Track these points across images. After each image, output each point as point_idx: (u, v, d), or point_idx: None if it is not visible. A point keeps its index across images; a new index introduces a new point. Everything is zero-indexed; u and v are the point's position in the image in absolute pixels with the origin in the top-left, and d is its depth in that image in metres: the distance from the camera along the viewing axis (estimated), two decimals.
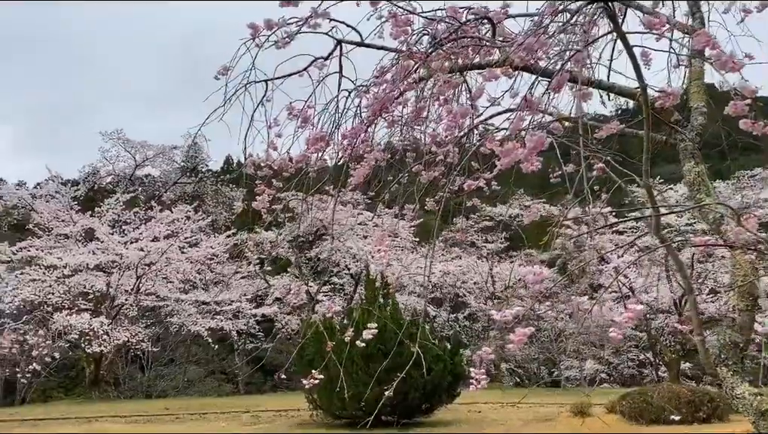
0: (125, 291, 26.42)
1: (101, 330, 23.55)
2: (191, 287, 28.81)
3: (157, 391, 29.61)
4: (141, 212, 29.51)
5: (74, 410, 20.91)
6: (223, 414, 18.61)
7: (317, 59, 4.38)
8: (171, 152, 35.70)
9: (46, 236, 28.81)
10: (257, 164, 4.69)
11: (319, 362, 13.63)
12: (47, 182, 33.32)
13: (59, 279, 25.16)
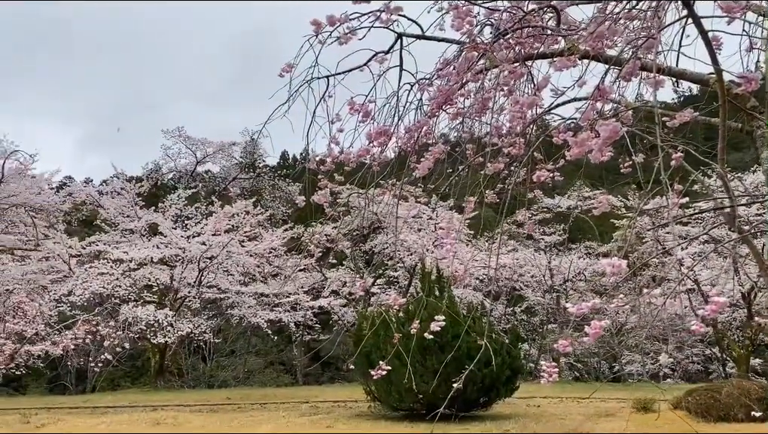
0: (188, 283, 27.22)
1: (165, 321, 24.37)
2: (251, 280, 29.48)
3: (219, 381, 30.49)
4: (202, 207, 30.34)
5: (141, 398, 21.75)
6: (282, 404, 18.98)
7: (378, 53, 4.40)
8: (230, 148, 36.49)
9: (112, 231, 30.00)
10: (319, 159, 4.74)
11: (377, 354, 13.79)
12: (113, 179, 34.60)
13: (126, 273, 26.12)
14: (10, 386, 29.60)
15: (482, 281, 26.35)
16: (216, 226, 27.33)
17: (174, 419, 15.79)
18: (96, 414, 17.62)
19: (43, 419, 16.14)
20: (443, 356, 13.09)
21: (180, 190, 32.10)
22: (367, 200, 5.15)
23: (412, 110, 4.24)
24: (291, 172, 39.62)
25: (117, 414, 17.50)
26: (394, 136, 4.01)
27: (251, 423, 14.70)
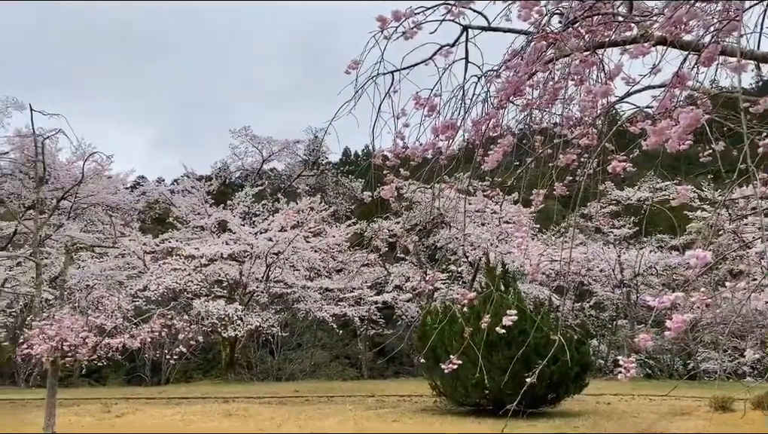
0: (256, 279, 27.91)
1: (235, 315, 25.08)
2: (316, 275, 29.96)
3: (286, 374, 31.15)
4: (268, 204, 31.02)
5: (212, 390, 22.48)
6: (349, 397, 19.21)
7: (443, 46, 4.37)
8: (294, 146, 37.11)
9: (184, 229, 31.10)
10: (384, 154, 4.76)
11: (442, 349, 13.76)
12: (183, 178, 35.79)
13: (197, 268, 27.02)
14: (92, 376, 31.16)
15: (548, 276, 25.85)
16: (282, 222, 27.88)
17: (245, 410, 16.25)
18: (170, 404, 18.32)
19: (122, 408, 16.91)
20: (509, 352, 12.94)
21: (247, 188, 32.92)
22: (433, 194, 5.14)
23: (478, 103, 4.19)
24: (353, 169, 39.97)
25: (190, 404, 18.14)
26: (460, 129, 3.98)
27: (319, 416, 14.95)
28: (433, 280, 4.74)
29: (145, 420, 14.90)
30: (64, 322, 10.03)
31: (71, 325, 10.02)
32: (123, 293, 22.94)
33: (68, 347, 10.01)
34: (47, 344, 10.00)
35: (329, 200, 34.45)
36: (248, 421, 14.36)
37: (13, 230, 29.81)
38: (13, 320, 26.87)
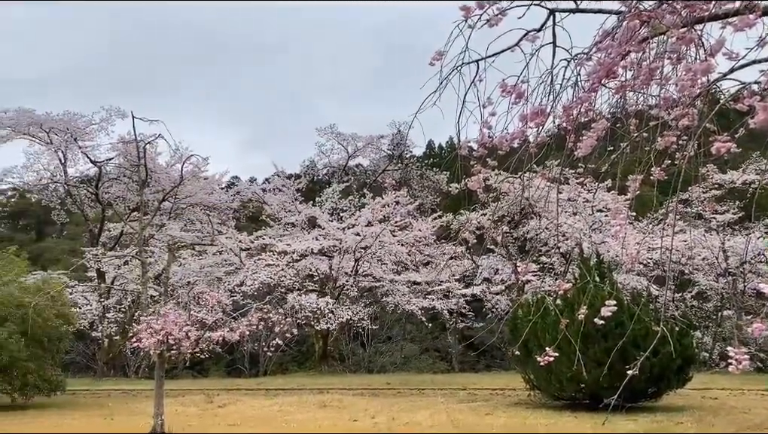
0: (345, 273, 28.43)
1: (326, 309, 25.68)
2: (403, 268, 30.15)
3: (378, 366, 31.54)
4: (355, 200, 31.50)
5: (307, 381, 23.11)
6: (440, 390, 19.22)
7: (529, 32, 4.27)
8: (378, 141, 37.50)
9: (276, 226, 32.14)
10: (471, 145, 4.71)
11: (534, 342, 13.50)
12: (274, 177, 36.97)
13: (290, 264, 27.85)
14: (195, 368, 32.79)
15: (646, 265, 24.76)
16: (369, 217, 28.24)
17: (339, 401, 16.60)
18: (269, 395, 19.00)
19: (224, 399, 17.71)
20: (606, 344, 12.52)
21: (334, 184, 33.55)
22: (522, 184, 5.03)
23: (568, 87, 4.07)
24: (438, 161, 39.86)
25: (287, 395, 18.75)
26: (550, 115, 3.88)
27: (411, 407, 15.05)
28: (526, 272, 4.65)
29: (246, 410, 15.53)
30: (169, 316, 10.61)
31: (175, 319, 10.59)
32: (221, 288, 23.99)
33: (173, 341, 10.58)
34: (153, 338, 10.61)
35: (414, 194, 34.55)
36: (343, 412, 14.66)
37: (120, 231, 31.85)
38: (122, 316, 28.67)
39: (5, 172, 30.21)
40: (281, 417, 14.11)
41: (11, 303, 16.29)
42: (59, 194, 32.10)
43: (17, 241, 36.67)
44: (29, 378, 16.20)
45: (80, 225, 40.64)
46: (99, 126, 29.35)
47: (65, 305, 18.46)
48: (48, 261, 40.45)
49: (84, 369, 30.33)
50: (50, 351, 17.26)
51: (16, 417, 14.59)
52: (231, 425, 13.02)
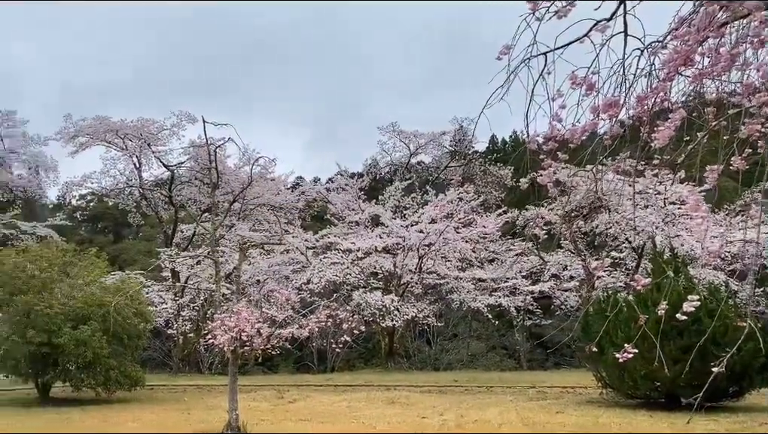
0: (409, 270, 28.49)
1: (392, 306, 25.82)
2: (468, 265, 29.95)
3: (444, 364, 31.49)
4: (418, 197, 31.50)
5: (374, 378, 23.31)
6: (509, 388, 19.01)
7: (599, 22, 4.18)
8: (440, 138, 37.36)
9: (340, 224, 32.52)
10: (540, 139, 4.64)
11: (606, 339, 13.16)
12: (337, 176, 37.44)
13: (354, 261, 28.15)
14: (265, 365, 33.62)
15: (724, 259, 23.68)
16: (432, 214, 28.18)
17: (406, 398, 16.68)
18: (337, 391, 19.28)
19: (294, 395, 18.09)
20: (682, 342, 12.08)
21: (396, 182, 33.65)
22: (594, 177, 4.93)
23: (642, 77, 3.96)
24: (501, 156, 39.37)
25: (355, 391, 18.97)
26: (624, 106, 3.78)
27: (480, 405, 14.95)
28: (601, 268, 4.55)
29: (315, 406, 15.81)
30: (241, 314, 10.93)
31: (247, 316, 10.89)
32: (289, 286, 24.50)
33: (245, 337, 10.90)
34: (227, 335, 10.95)
35: (478, 190, 34.26)
36: (411, 409, 14.72)
37: (192, 232, 32.97)
38: (196, 313, 29.69)
39: (85, 178, 31.78)
40: (350, 413, 14.29)
41: (93, 302, 17.13)
42: (135, 198, 33.51)
43: (97, 243, 38.58)
44: (111, 374, 16.98)
45: (154, 227, 42.35)
46: (171, 132, 30.45)
47: (142, 304, 19.27)
48: (125, 261, 42.33)
49: (161, 365, 31.58)
50: (130, 348, 18.05)
51: (100, 411, 15.36)
52: (302, 420, 13.28)
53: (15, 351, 16.10)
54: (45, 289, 17.13)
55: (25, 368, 16.78)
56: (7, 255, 18.55)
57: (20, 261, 17.81)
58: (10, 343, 16.03)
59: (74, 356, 16.29)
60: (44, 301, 16.43)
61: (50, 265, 17.94)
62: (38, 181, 32.55)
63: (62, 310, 16.47)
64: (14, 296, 16.82)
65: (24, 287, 17.01)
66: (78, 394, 17.72)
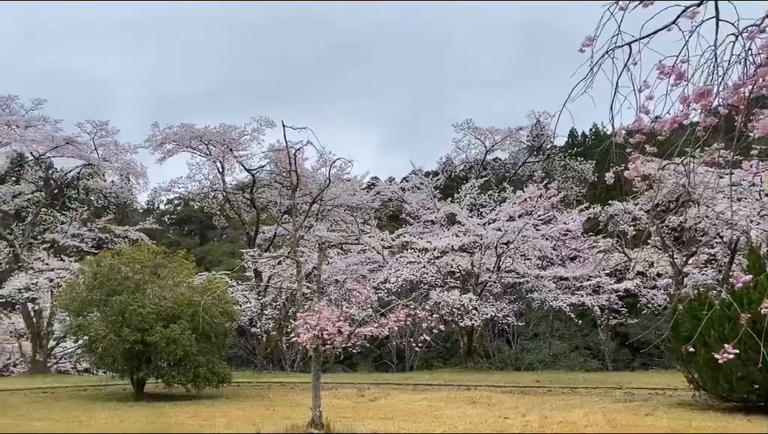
0: (487, 269, 28.17)
1: (470, 305, 25.61)
2: (549, 263, 29.29)
3: (525, 364, 30.96)
4: (494, 195, 31.10)
5: (454, 377, 23.18)
6: (594, 389, 18.45)
7: (688, 7, 4.00)
8: (517, 134, 36.71)
9: (416, 223, 32.56)
10: (627, 131, 4.49)
11: (698, 339, 12.55)
12: (411, 176, 37.49)
13: (431, 260, 28.10)
14: (345, 363, 34.17)
15: None
16: (510, 211, 27.74)
17: (488, 398, 16.50)
18: (417, 390, 19.31)
19: (374, 393, 18.26)
20: None
21: (472, 180, 33.34)
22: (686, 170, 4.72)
23: (736, 64, 3.76)
24: (582, 150, 38.29)
25: (435, 391, 18.94)
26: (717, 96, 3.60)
27: (564, 406, 14.61)
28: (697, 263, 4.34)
29: (396, 404, 15.91)
30: (323, 313, 11.14)
31: (328, 315, 11.09)
32: (367, 286, 24.76)
33: (327, 336, 11.09)
34: (309, 333, 11.19)
35: (558, 186, 33.46)
36: (492, 409, 14.56)
37: (273, 233, 33.91)
38: (278, 312, 30.50)
39: (172, 183, 33.31)
40: (431, 412, 14.29)
41: (183, 302, 17.91)
42: (219, 201, 34.81)
43: (184, 245, 40.29)
44: (200, 371, 17.69)
45: (237, 229, 43.80)
46: (251, 137, 31.41)
47: (228, 303, 19.96)
48: (210, 262, 44.06)
49: (246, 363, 32.64)
50: (217, 346, 18.75)
51: (190, 406, 16.03)
52: (383, 418, 13.39)
53: (112, 348, 17.05)
54: (138, 290, 18.06)
55: (122, 364, 17.73)
56: (104, 258, 19.68)
57: (115, 264, 18.85)
58: (107, 341, 16.98)
59: (166, 354, 17.09)
60: (137, 300, 17.33)
61: (143, 267, 18.90)
62: (129, 187, 34.39)
63: (154, 309, 17.31)
64: (111, 296, 17.83)
65: (119, 288, 18.00)
66: (170, 390, 18.57)
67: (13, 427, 12.37)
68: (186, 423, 13.03)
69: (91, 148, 30.81)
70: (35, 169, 32.03)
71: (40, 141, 29.40)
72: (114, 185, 33.52)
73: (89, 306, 18.35)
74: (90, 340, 17.67)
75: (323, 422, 11.40)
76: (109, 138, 31.19)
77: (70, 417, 13.77)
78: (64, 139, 29.48)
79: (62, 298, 20.53)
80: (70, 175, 32.38)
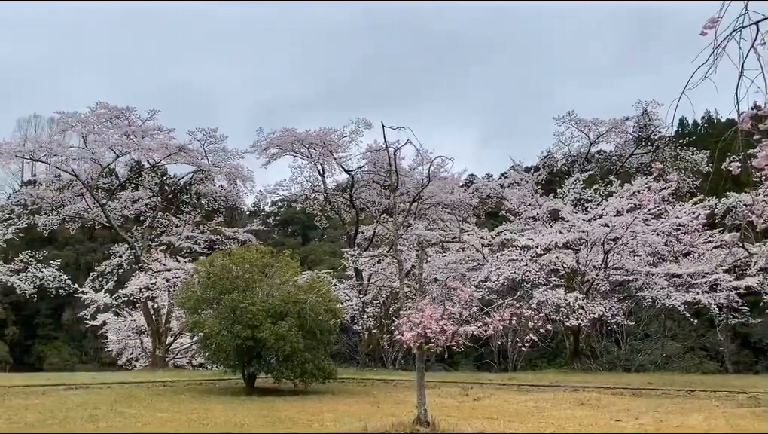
0: (593, 266, 27.14)
1: (576, 304, 24.77)
2: (660, 260, 27.81)
3: (635, 365, 29.61)
4: (600, 189, 29.92)
5: (560, 378, 22.53)
6: (713, 392, 17.34)
7: None
8: (623, 124, 35.07)
9: (516, 220, 31.92)
10: (758, 116, 4.19)
11: None
12: (510, 171, 36.79)
13: (533, 258, 27.42)
14: (446, 362, 34.05)
15: None
16: (617, 206, 26.59)
17: (597, 400, 15.93)
18: (521, 391, 18.93)
19: (478, 392, 18.08)
20: None
21: (576, 174, 32.24)
22: None
23: None
24: (694, 140, 36.08)
25: (540, 392, 18.49)
26: None
27: (680, 410, 13.83)
28: None
29: (501, 404, 15.67)
30: (426, 311, 11.15)
31: (431, 314, 11.09)
32: (467, 284, 24.56)
33: (430, 334, 11.09)
34: (413, 331, 11.23)
35: (668, 178, 31.64)
36: (602, 411, 14.02)
37: (372, 232, 34.39)
38: (379, 310, 30.89)
39: (277, 186, 34.61)
40: (538, 413, 13.96)
41: (289, 299, 18.53)
42: (320, 202, 35.72)
43: (288, 245, 41.76)
44: (307, 366, 18.24)
45: (337, 229, 44.85)
46: (350, 138, 31.99)
47: (332, 301, 20.43)
48: (313, 261, 45.38)
49: (348, 359, 33.30)
50: (322, 342, 19.25)
51: (298, 401, 16.56)
52: (489, 418, 13.22)
53: (225, 344, 17.90)
54: (248, 288, 18.86)
55: (234, 359, 18.59)
56: (216, 258, 20.71)
57: (226, 264, 19.79)
58: (220, 337, 17.84)
59: (275, 350, 17.75)
60: (247, 298, 18.11)
61: (251, 266, 19.72)
62: (237, 190, 36.01)
63: (263, 307, 18.03)
64: (223, 295, 18.73)
65: (230, 286, 18.87)
66: (278, 385, 19.27)
67: (139, 417, 13.26)
68: (295, 417, 13.45)
69: (202, 154, 32.60)
70: (152, 175, 34.26)
71: (155, 149, 31.40)
72: (222, 189, 35.23)
73: (204, 304, 19.36)
74: (205, 337, 18.65)
75: (429, 420, 11.41)
76: (218, 144, 32.85)
77: (188, 409, 14.59)
78: (177, 146, 31.35)
79: (178, 297, 21.83)
80: (183, 181, 34.36)
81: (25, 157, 33.87)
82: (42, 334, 49.32)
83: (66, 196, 32.68)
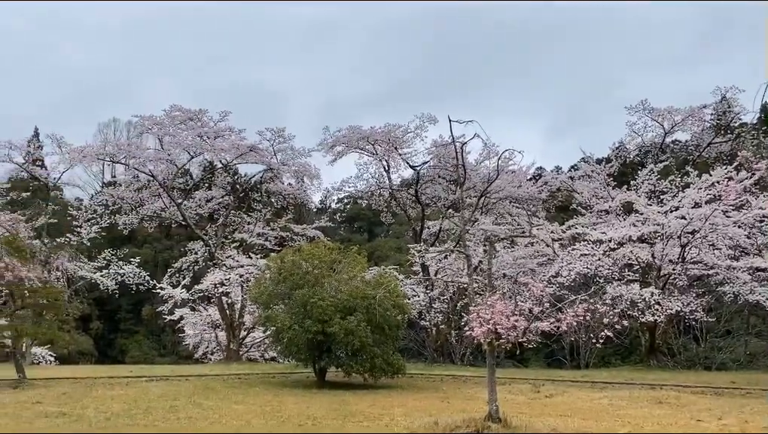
0: (670, 260, 26.13)
1: (651, 300, 23.91)
2: (742, 253, 26.46)
3: (716, 363, 28.37)
4: (676, 180, 28.76)
5: (635, 376, 21.82)
6: None
7: None
8: (700, 112, 33.52)
9: (588, 214, 31.08)
10: None
11: None
12: (580, 163, 35.80)
13: (606, 253, 26.61)
14: (515, 358, 33.56)
15: None
16: (695, 197, 25.47)
17: (676, 399, 15.37)
18: (595, 388, 18.46)
19: (550, 389, 17.74)
20: None
21: (650, 164, 31.10)
22: None
23: None
24: None
25: (615, 389, 17.98)
26: None
27: (765, 411, 13.16)
28: None
29: (574, 402, 15.33)
30: (496, 307, 11.03)
31: (502, 309, 10.96)
32: (537, 280, 24.12)
33: (501, 330, 10.96)
34: (483, 327, 11.13)
35: (751, 167, 30.02)
36: (682, 410, 13.51)
37: (438, 227, 34.29)
38: (446, 306, 30.76)
39: (343, 183, 35.07)
40: (613, 412, 13.59)
41: (357, 295, 18.73)
42: (385, 198, 35.91)
43: (354, 241, 42.19)
44: (376, 361, 18.40)
45: (403, 225, 44.89)
46: (414, 134, 32.02)
47: (399, 297, 20.51)
48: (379, 257, 45.62)
49: (416, 355, 33.33)
50: (390, 337, 19.35)
51: (369, 395, 16.72)
52: (562, 415, 12.97)
53: (297, 338, 18.26)
54: (317, 284, 19.19)
55: (305, 353, 18.96)
56: (286, 255, 21.15)
57: (296, 260, 20.19)
58: (292, 331, 18.22)
59: (344, 344, 17.99)
60: (317, 294, 18.42)
61: (320, 262, 20.04)
62: (305, 188, 36.69)
63: (332, 302, 18.30)
64: (294, 290, 19.12)
65: (301, 282, 19.24)
66: (348, 379, 19.52)
67: (216, 409, 13.73)
68: (366, 411, 13.59)
69: (271, 153, 33.40)
70: (224, 175, 35.35)
71: (227, 149, 32.38)
72: (291, 187, 35.93)
73: (275, 299, 19.82)
74: (277, 331, 19.09)
75: (500, 416, 11.29)
76: (286, 144, 33.55)
77: (263, 401, 14.99)
78: (248, 146, 32.22)
79: (251, 292, 22.42)
80: (253, 180, 35.28)
81: (106, 159, 35.66)
82: (124, 328, 51.70)
83: (144, 196, 34.17)
